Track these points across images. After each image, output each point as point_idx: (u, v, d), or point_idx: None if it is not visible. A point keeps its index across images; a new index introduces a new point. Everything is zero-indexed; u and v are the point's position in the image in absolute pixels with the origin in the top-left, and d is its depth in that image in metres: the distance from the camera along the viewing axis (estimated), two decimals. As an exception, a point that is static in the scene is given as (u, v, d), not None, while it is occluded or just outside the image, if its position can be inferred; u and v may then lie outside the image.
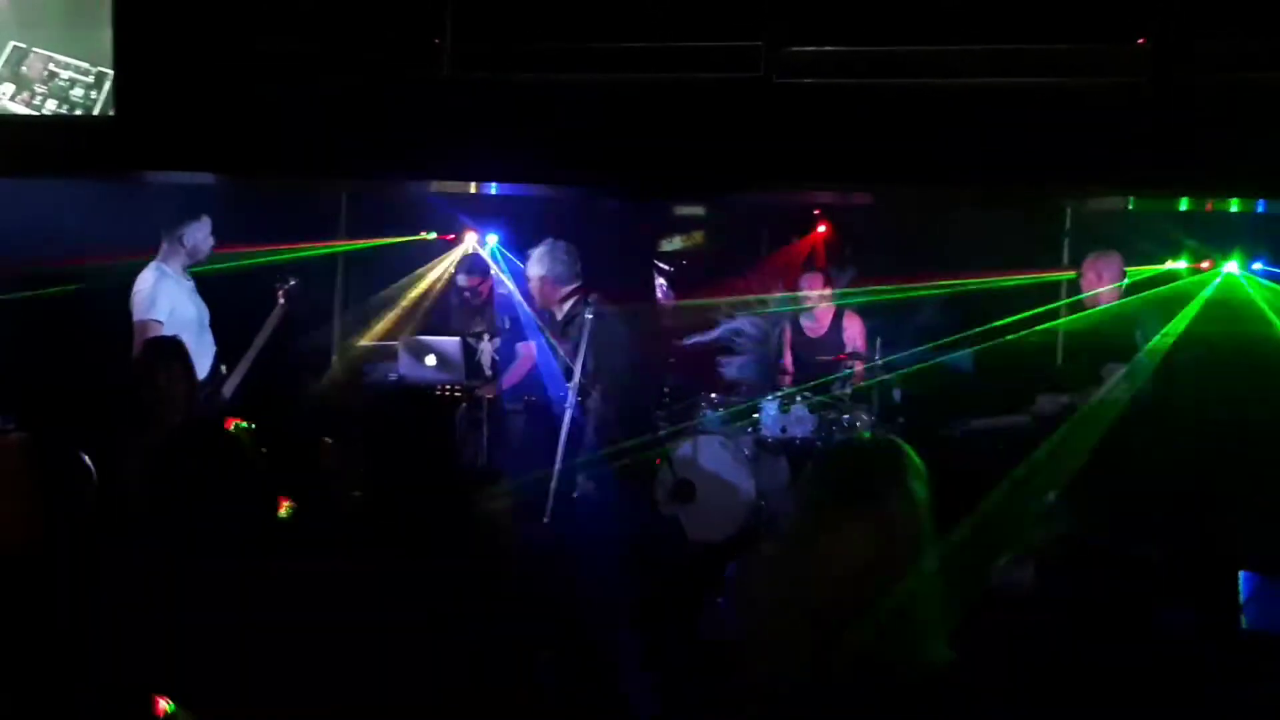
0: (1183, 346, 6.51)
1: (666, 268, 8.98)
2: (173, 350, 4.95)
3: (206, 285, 6.48)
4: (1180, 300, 7.54)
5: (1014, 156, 5.55)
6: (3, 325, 7.05)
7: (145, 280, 6.26)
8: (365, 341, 8.08)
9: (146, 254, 6.36)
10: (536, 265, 5.92)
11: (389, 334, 7.87)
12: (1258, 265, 7.50)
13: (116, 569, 3.01)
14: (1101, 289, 6.50)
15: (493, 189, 7.44)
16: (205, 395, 6.18)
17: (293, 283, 6.52)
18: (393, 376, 7.42)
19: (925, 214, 8.04)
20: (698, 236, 7.72)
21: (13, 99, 6.33)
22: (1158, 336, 6.54)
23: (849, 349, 7.58)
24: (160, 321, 6.16)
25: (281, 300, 6.45)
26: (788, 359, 7.81)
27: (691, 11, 5.53)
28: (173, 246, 6.31)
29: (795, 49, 5.49)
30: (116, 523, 3.30)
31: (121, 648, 2.84)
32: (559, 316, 6.07)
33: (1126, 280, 6.72)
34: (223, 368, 6.34)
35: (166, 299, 6.21)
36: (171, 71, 6.04)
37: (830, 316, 7.74)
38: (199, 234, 6.31)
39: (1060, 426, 6.54)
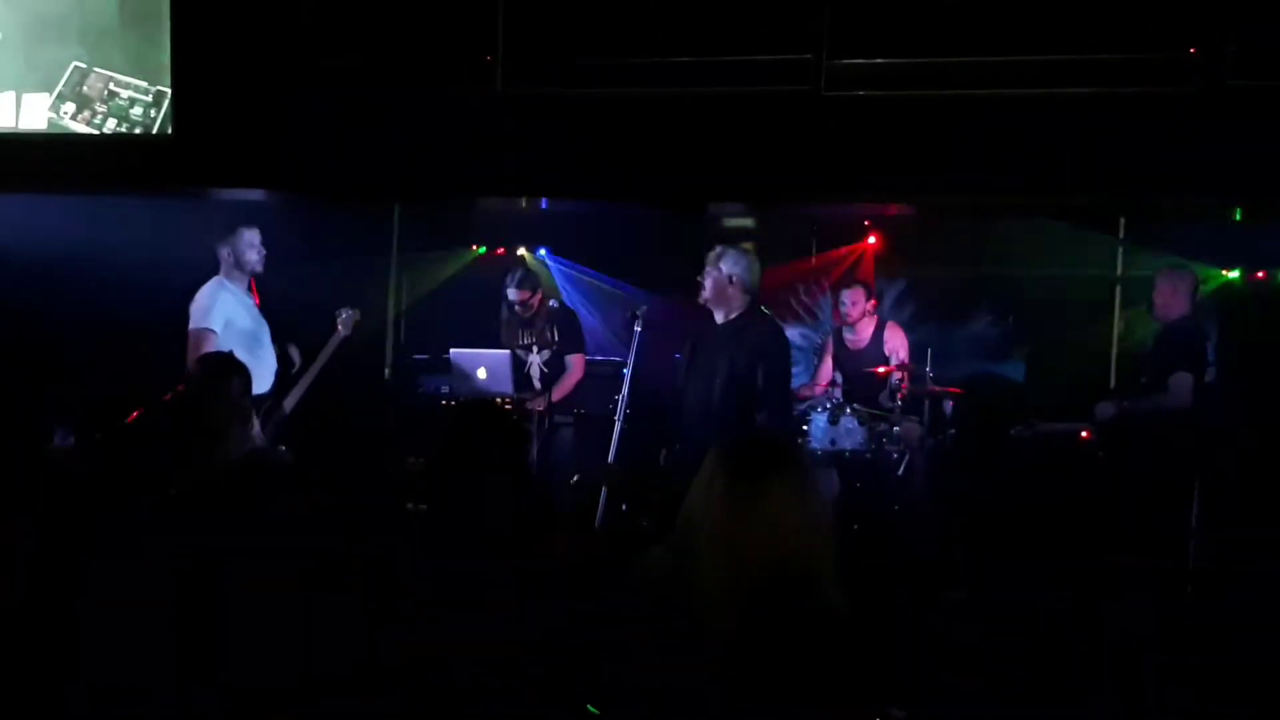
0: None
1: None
2: (226, 365, 4.99)
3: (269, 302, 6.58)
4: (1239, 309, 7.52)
5: (1064, 166, 5.54)
6: (67, 339, 7.17)
7: (204, 292, 6.35)
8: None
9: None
10: (731, 264, 5.87)
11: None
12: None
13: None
14: (1175, 302, 6.47)
15: (544, 204, 7.50)
16: (266, 409, 6.26)
17: (349, 312, 6.61)
18: (444, 389, 7.47)
19: (976, 225, 8.00)
20: (748, 248, 7.72)
21: (74, 118, 6.47)
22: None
23: (892, 360, 7.54)
24: (215, 331, 6.23)
25: (340, 329, 6.55)
26: (827, 370, 7.78)
27: (741, 25, 5.56)
28: (224, 261, 6.40)
29: (844, 61, 5.50)
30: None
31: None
32: (719, 320, 5.98)
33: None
34: (293, 354, 6.44)
35: (222, 310, 6.29)
36: (229, 89, 6.14)
37: (872, 328, 7.70)
38: (241, 244, 6.37)
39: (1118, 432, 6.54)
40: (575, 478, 6.42)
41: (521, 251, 8.95)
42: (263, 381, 6.34)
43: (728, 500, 2.65)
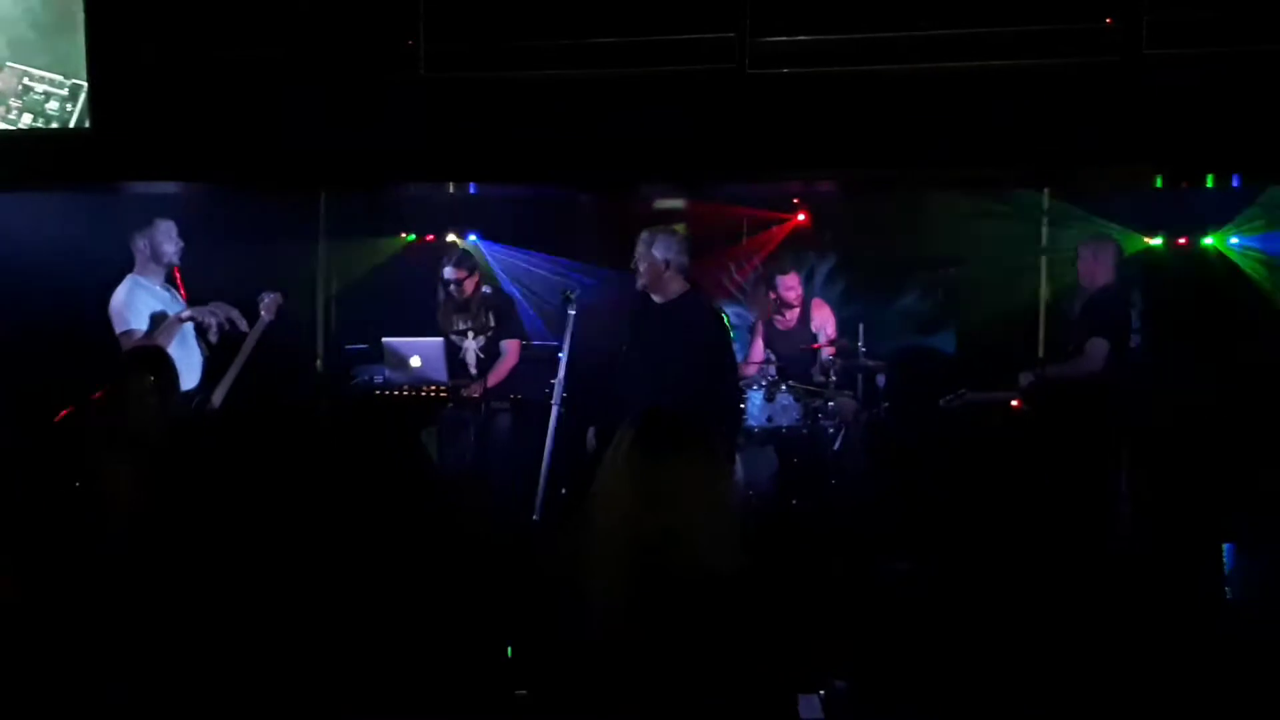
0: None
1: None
2: (150, 359, 4.92)
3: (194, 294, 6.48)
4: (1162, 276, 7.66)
5: (988, 138, 5.59)
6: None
7: (119, 293, 6.24)
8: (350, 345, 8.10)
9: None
10: (664, 248, 5.85)
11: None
12: (1234, 239, 7.60)
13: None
14: (1098, 270, 6.58)
15: (472, 189, 7.45)
16: (196, 403, 6.18)
17: (271, 296, 6.51)
18: (378, 379, 7.42)
19: (904, 200, 8.07)
20: (679, 229, 7.74)
21: (-12, 114, 6.33)
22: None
23: (820, 337, 7.62)
24: (139, 330, 6.15)
25: (263, 314, 6.44)
26: (759, 348, 7.83)
27: (663, 5, 5.55)
28: (140, 255, 6.29)
29: (767, 39, 5.51)
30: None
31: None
32: (658, 302, 5.97)
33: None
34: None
35: (141, 307, 6.20)
36: (146, 81, 6.03)
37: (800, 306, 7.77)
38: (158, 236, 6.28)
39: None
40: (563, 490, 6.39)
41: (452, 238, 8.91)
42: (190, 376, 6.26)
43: (628, 469, 2.80)
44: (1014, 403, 6.90)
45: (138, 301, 6.20)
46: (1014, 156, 5.71)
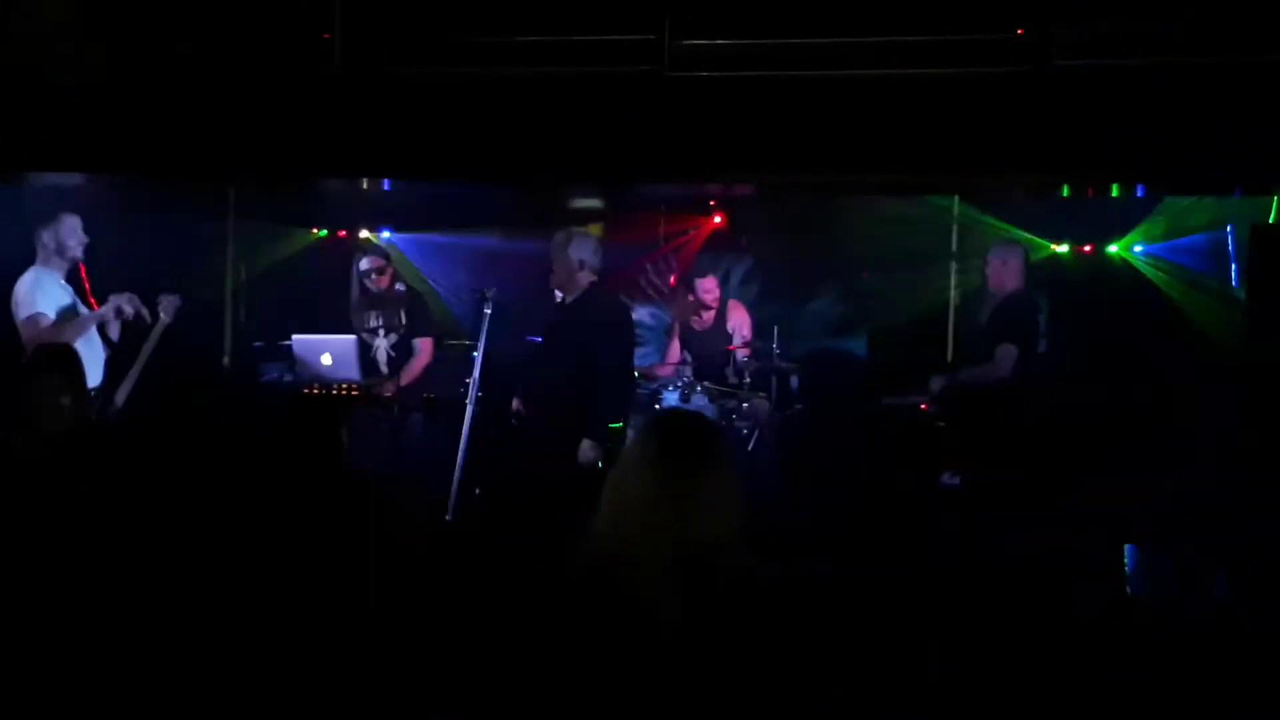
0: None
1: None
2: (59, 356, 4.80)
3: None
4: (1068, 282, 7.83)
5: (901, 145, 5.66)
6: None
7: (24, 281, 6.14)
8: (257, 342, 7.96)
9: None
10: (579, 249, 5.86)
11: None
12: (1138, 247, 7.79)
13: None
14: (1006, 276, 6.70)
15: (385, 185, 7.36)
16: (100, 403, 6.04)
17: (170, 298, 6.39)
18: (287, 377, 7.30)
19: (819, 204, 8.15)
20: (595, 229, 7.73)
21: None
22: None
23: (736, 338, 7.68)
24: (48, 314, 6.04)
25: (162, 316, 6.33)
26: (675, 349, 7.87)
27: (585, 6, 5.54)
28: (44, 248, 6.17)
29: (688, 42, 5.53)
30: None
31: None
32: (564, 300, 5.99)
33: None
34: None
35: (48, 296, 6.09)
36: (52, 71, 5.88)
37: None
38: (63, 231, 6.16)
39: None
40: (478, 490, 6.35)
41: (366, 234, 8.81)
42: (94, 372, 6.12)
43: (661, 481, 2.69)
44: (922, 406, 7.01)
45: (43, 290, 6.09)
46: (926, 162, 5.79)
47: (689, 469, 2.70)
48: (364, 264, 7.36)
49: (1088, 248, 7.95)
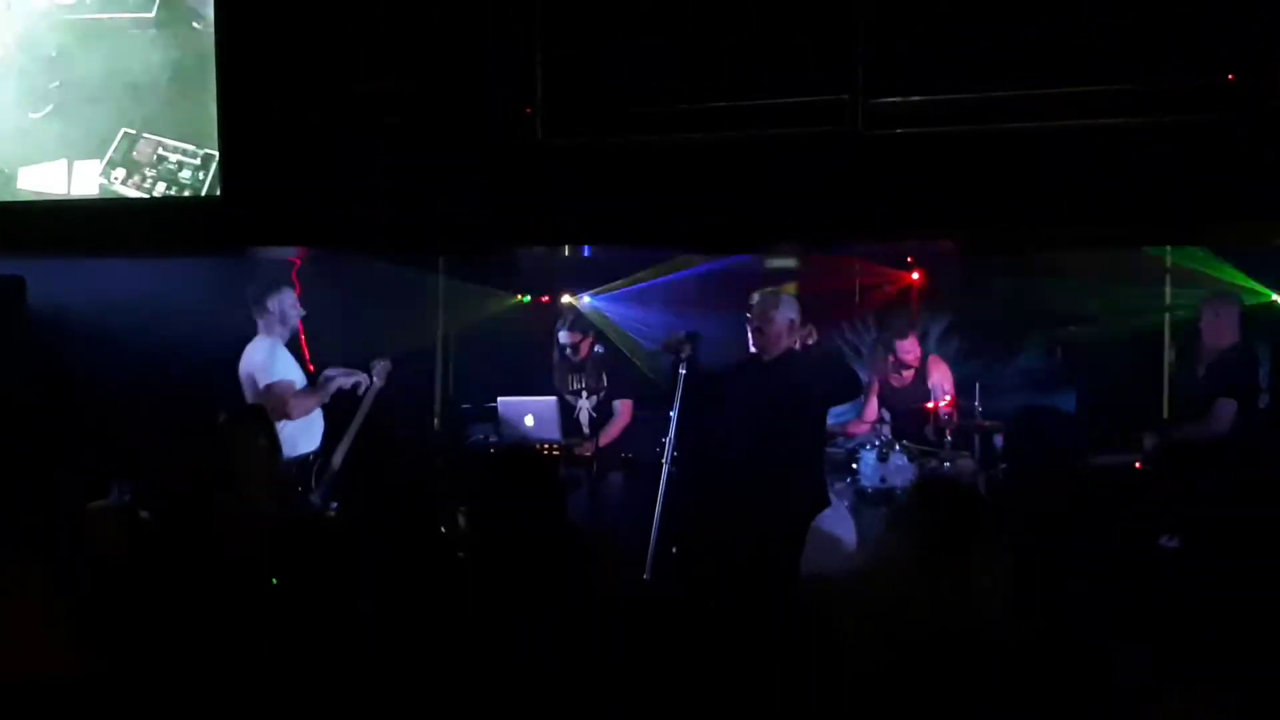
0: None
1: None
2: (255, 418, 4.99)
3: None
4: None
5: (1105, 197, 5.51)
6: (120, 399, 7.26)
7: (260, 347, 6.42)
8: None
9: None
10: (788, 309, 6.00)
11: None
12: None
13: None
14: (1221, 330, 6.43)
15: (586, 251, 7.54)
16: (317, 467, 6.31)
17: (382, 363, 6.67)
18: (493, 439, 7.51)
19: (1020, 256, 7.96)
20: (791, 289, 7.74)
21: (124, 183, 6.59)
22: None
23: (936, 394, 7.51)
24: (292, 380, 6.32)
25: (375, 380, 6.60)
26: (873, 407, 7.76)
27: (779, 68, 5.59)
28: (266, 319, 6.46)
29: (881, 100, 5.52)
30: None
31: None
32: (765, 358, 6.08)
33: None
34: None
35: (286, 365, 6.39)
36: (274, 150, 6.23)
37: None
38: (285, 301, 6.47)
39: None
40: (674, 549, 6.40)
41: (567, 299, 9.00)
42: (312, 438, 6.40)
43: (924, 555, 2.65)
44: (1136, 464, 6.74)
45: (281, 359, 6.38)
46: (1131, 214, 5.62)
47: (948, 548, 2.66)
48: (563, 337, 7.54)
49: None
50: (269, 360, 6.36)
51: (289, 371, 6.38)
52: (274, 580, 3.12)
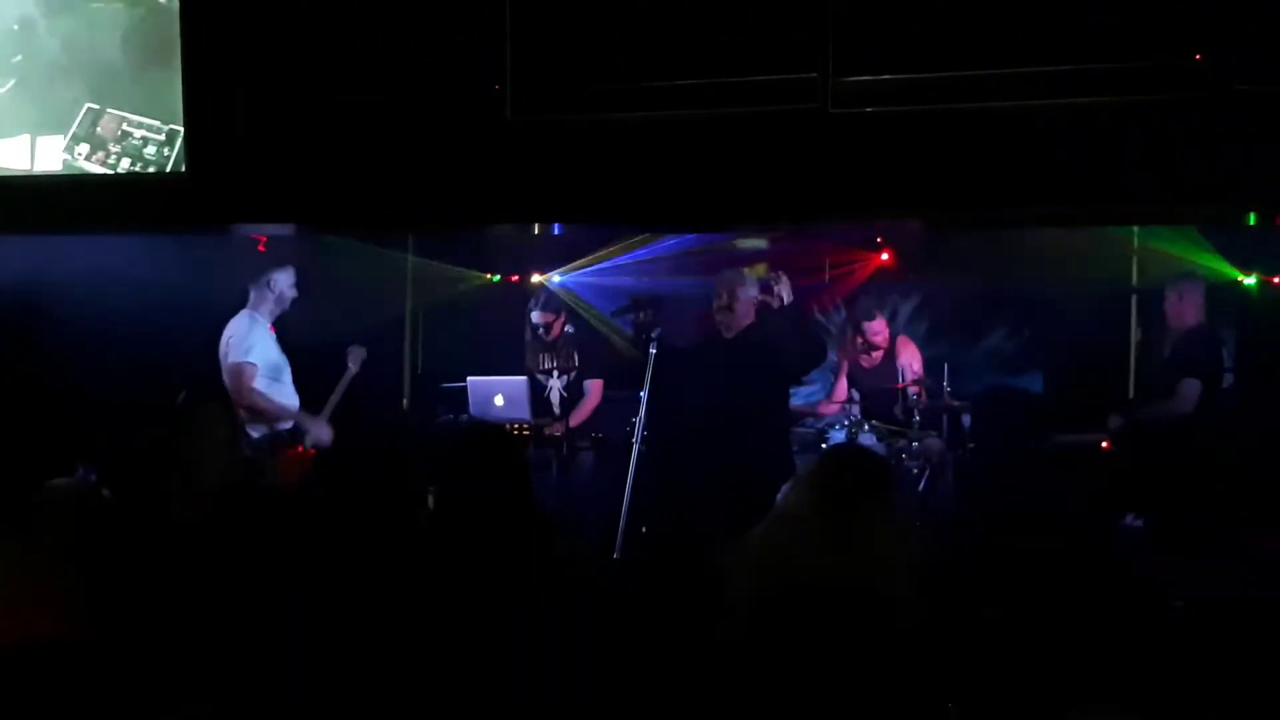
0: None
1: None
2: (214, 403, 4.98)
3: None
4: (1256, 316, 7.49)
5: (1073, 177, 5.52)
6: (85, 376, 7.20)
7: (239, 325, 6.44)
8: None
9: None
10: (753, 288, 6.03)
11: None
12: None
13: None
14: (1185, 311, 6.48)
15: (556, 229, 7.51)
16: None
17: (358, 349, 6.67)
18: (463, 418, 7.50)
19: (989, 238, 7.99)
20: (760, 269, 7.74)
21: (88, 159, 6.51)
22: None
23: (905, 375, 7.54)
24: (255, 365, 6.32)
25: (351, 367, 6.62)
26: (843, 387, 7.79)
27: (745, 47, 5.57)
28: (261, 294, 6.48)
29: (850, 79, 5.51)
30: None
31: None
32: (728, 335, 6.10)
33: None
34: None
35: (260, 345, 6.38)
36: (240, 126, 6.18)
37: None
38: (285, 282, 6.48)
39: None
40: (644, 529, 6.42)
41: (538, 278, 8.99)
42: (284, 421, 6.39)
43: (827, 514, 2.69)
44: (1103, 444, 6.78)
45: (256, 338, 6.37)
46: (1098, 193, 5.63)
47: (858, 505, 2.68)
48: (535, 317, 7.54)
49: (1278, 279, 7.61)
50: (244, 337, 6.39)
51: (263, 354, 6.36)
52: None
